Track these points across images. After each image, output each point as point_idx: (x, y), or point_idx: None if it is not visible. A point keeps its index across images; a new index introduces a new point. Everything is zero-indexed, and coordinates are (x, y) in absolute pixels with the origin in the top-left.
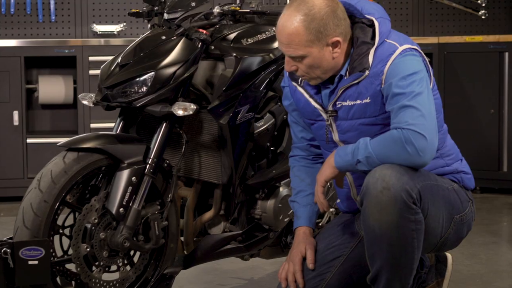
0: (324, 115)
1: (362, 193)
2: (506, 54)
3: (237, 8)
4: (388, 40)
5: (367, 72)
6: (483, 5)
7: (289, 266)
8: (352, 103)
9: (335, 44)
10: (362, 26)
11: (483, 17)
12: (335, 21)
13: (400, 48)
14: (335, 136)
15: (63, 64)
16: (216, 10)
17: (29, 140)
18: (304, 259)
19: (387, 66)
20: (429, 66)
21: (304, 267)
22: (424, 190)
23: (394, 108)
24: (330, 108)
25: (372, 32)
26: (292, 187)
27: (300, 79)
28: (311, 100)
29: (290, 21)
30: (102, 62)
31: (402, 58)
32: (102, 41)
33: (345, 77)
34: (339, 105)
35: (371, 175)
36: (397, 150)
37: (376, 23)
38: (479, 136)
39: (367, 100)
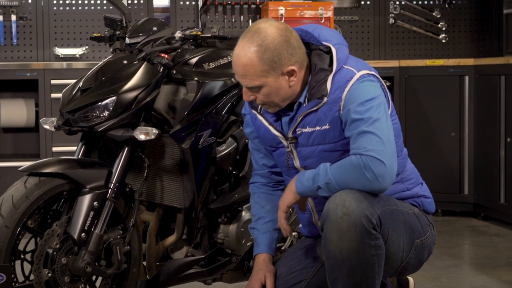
0: (285, 142)
1: (322, 218)
2: (466, 77)
3: (199, 33)
4: (345, 66)
5: (325, 99)
6: (444, 29)
7: None
8: (312, 129)
9: (290, 73)
10: (320, 53)
11: (443, 41)
12: (289, 50)
13: (358, 74)
14: (296, 163)
15: (25, 87)
16: (178, 34)
17: None
18: (264, 286)
19: (345, 92)
20: (387, 91)
21: None
22: (384, 215)
23: (353, 134)
24: (290, 135)
25: (329, 58)
26: (252, 213)
27: (259, 106)
28: (270, 127)
29: (244, 53)
30: (64, 85)
31: (359, 84)
32: (64, 64)
33: (304, 104)
34: (299, 132)
35: (331, 200)
36: (356, 176)
37: (334, 50)
38: (440, 159)
39: (326, 127)
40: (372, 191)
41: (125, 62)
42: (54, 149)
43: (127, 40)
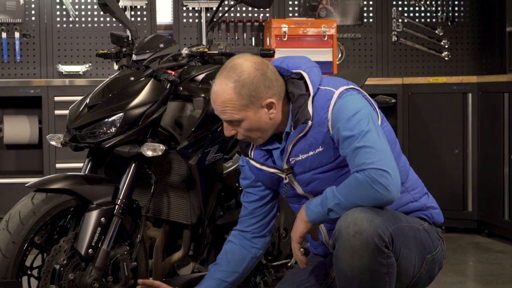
0: (282, 175)
1: (334, 237)
2: (470, 95)
3: (206, 50)
4: (322, 87)
5: (310, 123)
6: (446, 46)
7: None
8: (305, 155)
9: (269, 106)
10: (293, 81)
11: (446, 58)
12: (266, 83)
13: (337, 92)
14: (299, 190)
15: (28, 104)
16: (185, 51)
17: None
18: None
19: (329, 112)
20: (371, 100)
21: None
22: (396, 233)
23: (348, 151)
24: (285, 166)
25: (304, 83)
26: (218, 257)
27: (249, 152)
28: (264, 167)
29: (222, 90)
30: (68, 102)
31: (341, 100)
32: (67, 81)
33: (291, 133)
34: (292, 161)
35: (343, 219)
36: (365, 192)
37: (305, 74)
38: (444, 176)
39: (320, 149)
40: (383, 203)
41: (132, 78)
42: (58, 165)
43: (134, 57)
